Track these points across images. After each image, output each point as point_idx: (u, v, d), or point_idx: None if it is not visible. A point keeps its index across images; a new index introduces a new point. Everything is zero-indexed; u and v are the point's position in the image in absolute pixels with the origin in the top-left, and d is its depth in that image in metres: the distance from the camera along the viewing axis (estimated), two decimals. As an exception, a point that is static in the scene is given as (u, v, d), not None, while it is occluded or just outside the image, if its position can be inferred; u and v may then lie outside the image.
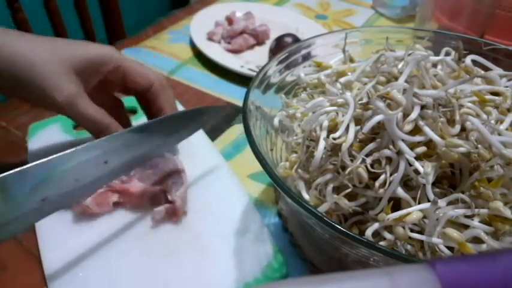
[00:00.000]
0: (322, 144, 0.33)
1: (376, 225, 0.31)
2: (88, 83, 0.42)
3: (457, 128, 0.32)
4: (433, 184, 0.31)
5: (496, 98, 0.35)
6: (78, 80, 0.40)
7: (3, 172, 0.31)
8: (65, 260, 0.38)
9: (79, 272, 0.37)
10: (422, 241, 0.30)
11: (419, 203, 0.31)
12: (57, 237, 0.40)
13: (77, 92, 0.39)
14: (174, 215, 0.41)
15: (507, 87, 0.37)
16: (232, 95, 0.63)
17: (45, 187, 0.33)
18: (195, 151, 0.49)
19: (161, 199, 0.42)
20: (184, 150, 0.49)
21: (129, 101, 0.52)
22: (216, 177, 0.47)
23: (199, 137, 0.51)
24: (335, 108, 0.35)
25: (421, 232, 0.31)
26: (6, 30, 0.40)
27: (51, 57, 0.39)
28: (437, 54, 0.41)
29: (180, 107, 0.57)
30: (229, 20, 0.77)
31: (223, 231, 0.42)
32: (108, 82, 0.44)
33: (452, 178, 0.33)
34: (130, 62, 0.44)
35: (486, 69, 0.40)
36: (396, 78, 0.36)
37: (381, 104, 0.31)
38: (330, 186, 0.33)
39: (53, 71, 0.39)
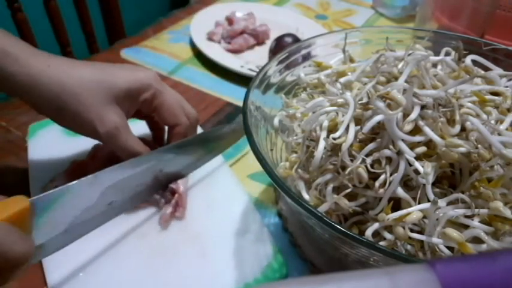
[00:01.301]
0: (322, 144, 0.33)
1: (376, 225, 0.31)
2: (128, 112, 0.41)
3: (457, 128, 0.32)
4: (433, 184, 0.31)
5: (496, 98, 0.35)
6: (120, 110, 0.40)
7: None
8: (65, 261, 0.38)
9: (79, 272, 0.37)
10: (422, 241, 0.30)
11: (419, 203, 0.31)
12: None
13: (119, 124, 0.39)
14: (180, 205, 0.42)
15: (507, 87, 0.37)
16: (232, 95, 0.63)
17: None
18: None
19: (157, 200, 0.43)
20: None
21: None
22: (216, 177, 0.47)
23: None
24: (335, 108, 0.35)
25: (421, 232, 0.31)
26: (47, 54, 0.39)
27: (93, 86, 0.38)
28: (437, 54, 0.41)
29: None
30: (229, 20, 0.77)
31: (223, 231, 0.42)
32: (140, 112, 0.43)
33: (452, 178, 0.33)
34: (168, 95, 0.43)
35: (486, 69, 0.40)
36: (396, 78, 0.36)
37: (381, 104, 0.31)
38: (330, 186, 0.33)
39: (95, 102, 0.38)
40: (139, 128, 0.46)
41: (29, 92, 0.37)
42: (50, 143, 0.49)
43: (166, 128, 0.47)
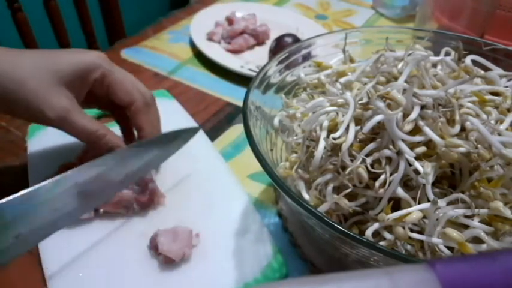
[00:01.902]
0: (322, 144, 0.33)
1: (376, 225, 0.31)
2: (78, 94, 0.41)
3: (457, 128, 0.32)
4: (433, 184, 0.31)
5: (496, 98, 0.35)
6: (68, 93, 0.39)
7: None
8: (64, 261, 0.38)
9: (79, 272, 0.37)
10: (422, 241, 0.30)
11: (419, 203, 0.31)
12: (57, 237, 0.40)
13: (68, 106, 0.39)
14: (153, 198, 0.42)
15: (507, 87, 0.37)
16: (232, 95, 0.63)
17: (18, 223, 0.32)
18: (195, 152, 0.49)
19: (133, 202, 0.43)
20: (184, 151, 0.49)
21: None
22: (216, 177, 0.47)
23: (199, 137, 0.51)
24: (335, 108, 0.35)
25: (421, 232, 0.31)
26: None
27: (38, 72, 0.38)
28: (437, 54, 0.41)
29: (180, 111, 0.57)
30: (229, 20, 0.77)
31: (223, 231, 0.42)
32: (94, 95, 0.43)
33: (452, 178, 0.33)
34: (119, 73, 0.43)
35: (486, 69, 0.40)
36: (396, 78, 0.36)
37: (381, 104, 0.31)
38: (330, 186, 0.33)
39: (41, 87, 0.38)
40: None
41: None
42: (49, 143, 0.49)
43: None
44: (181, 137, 0.45)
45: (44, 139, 0.50)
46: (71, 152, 0.47)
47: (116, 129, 0.46)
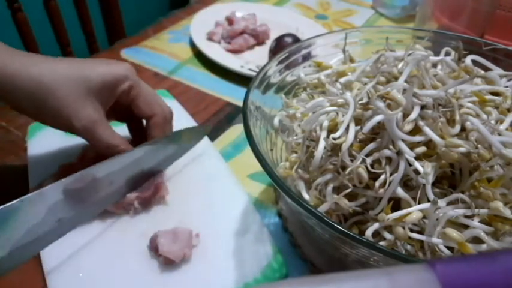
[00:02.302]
0: (322, 144, 0.33)
1: (376, 225, 0.31)
2: (106, 104, 0.42)
3: (457, 128, 0.32)
4: (433, 184, 0.31)
5: (496, 98, 0.35)
6: (96, 104, 0.40)
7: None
8: (64, 261, 0.38)
9: (79, 272, 0.37)
10: (422, 241, 0.30)
11: (419, 203, 0.31)
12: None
13: (95, 118, 0.40)
14: (158, 192, 0.43)
15: (507, 87, 0.37)
16: (232, 95, 0.63)
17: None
18: (195, 152, 0.49)
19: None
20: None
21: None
22: (216, 177, 0.47)
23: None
24: (335, 108, 0.35)
25: (421, 232, 0.31)
26: (23, 53, 0.39)
27: (68, 81, 0.39)
28: (437, 54, 0.41)
29: (180, 111, 0.57)
30: (229, 20, 0.77)
31: (223, 231, 0.42)
32: (116, 106, 0.44)
33: (452, 178, 0.33)
34: (144, 87, 0.44)
35: (486, 69, 0.40)
36: (396, 78, 0.36)
37: (380, 104, 0.31)
38: (330, 186, 0.33)
39: (70, 97, 0.38)
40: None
41: (7, 92, 0.38)
42: (49, 143, 0.49)
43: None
44: (194, 134, 0.47)
45: (44, 139, 0.49)
46: (71, 152, 0.47)
47: (120, 129, 0.46)
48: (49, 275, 0.37)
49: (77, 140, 0.42)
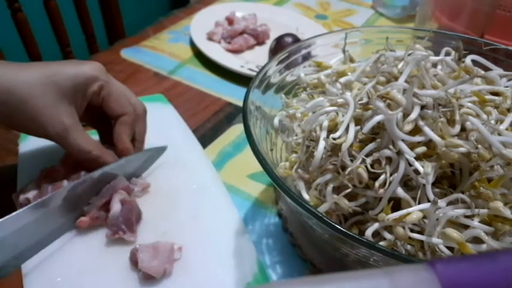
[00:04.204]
0: (322, 144, 0.33)
1: (376, 225, 0.31)
2: (79, 107, 0.41)
3: (457, 128, 0.32)
4: (433, 184, 0.31)
5: (496, 98, 0.35)
6: (69, 108, 0.40)
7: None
8: (44, 265, 0.37)
9: (57, 277, 0.37)
10: (422, 241, 0.30)
11: (419, 203, 0.31)
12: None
13: (68, 124, 0.39)
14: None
15: (507, 87, 0.37)
16: (232, 95, 0.63)
17: None
18: (185, 161, 0.48)
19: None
20: (175, 159, 0.48)
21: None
22: (204, 188, 0.46)
23: (190, 145, 0.51)
24: (335, 108, 0.35)
25: (421, 232, 0.31)
26: None
27: (41, 90, 0.38)
28: (437, 54, 0.41)
29: (174, 115, 0.56)
30: (229, 20, 0.77)
31: (207, 244, 0.40)
32: (91, 107, 0.43)
33: (452, 178, 0.33)
34: (114, 85, 0.43)
35: (486, 69, 0.40)
36: (396, 78, 0.36)
37: (381, 104, 0.31)
38: (330, 186, 0.33)
39: (44, 106, 0.38)
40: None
41: None
42: (38, 146, 0.48)
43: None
44: (149, 156, 0.47)
45: (34, 142, 0.49)
46: (57, 155, 0.46)
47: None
48: (27, 279, 0.36)
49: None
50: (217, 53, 0.69)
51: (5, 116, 0.38)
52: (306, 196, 0.35)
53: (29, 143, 0.49)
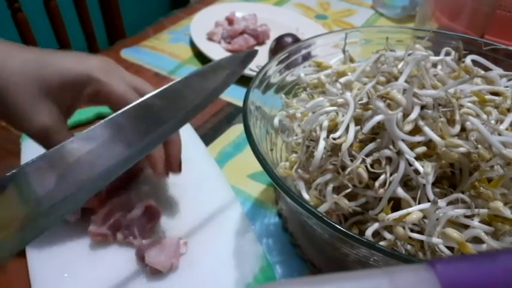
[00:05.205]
0: (322, 144, 0.33)
1: (376, 225, 0.31)
2: (68, 107, 0.38)
3: (457, 128, 0.32)
4: (433, 184, 0.31)
5: (496, 98, 0.35)
6: (53, 107, 0.36)
7: (4, 172, 0.31)
8: (50, 260, 0.37)
9: (64, 273, 0.37)
10: (422, 241, 0.30)
11: (419, 203, 0.31)
12: (44, 240, 0.39)
13: (49, 124, 0.35)
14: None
15: (507, 87, 0.37)
16: (232, 95, 0.62)
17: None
18: (188, 158, 0.47)
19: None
20: (183, 156, 0.48)
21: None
22: (208, 184, 0.46)
23: (193, 142, 0.51)
24: (335, 108, 0.35)
25: (421, 232, 0.31)
26: None
27: (24, 81, 0.35)
28: (437, 54, 0.41)
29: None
30: (229, 20, 0.77)
31: (212, 239, 0.41)
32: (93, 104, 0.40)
33: (452, 178, 0.33)
34: (114, 83, 0.38)
35: (486, 69, 0.40)
36: (396, 78, 0.36)
37: (381, 104, 0.31)
38: (330, 186, 0.33)
39: (23, 99, 0.35)
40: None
41: None
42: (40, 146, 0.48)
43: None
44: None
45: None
46: None
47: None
48: (34, 274, 0.36)
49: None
50: (217, 53, 0.69)
51: None
52: (306, 196, 0.35)
53: (31, 143, 0.49)
